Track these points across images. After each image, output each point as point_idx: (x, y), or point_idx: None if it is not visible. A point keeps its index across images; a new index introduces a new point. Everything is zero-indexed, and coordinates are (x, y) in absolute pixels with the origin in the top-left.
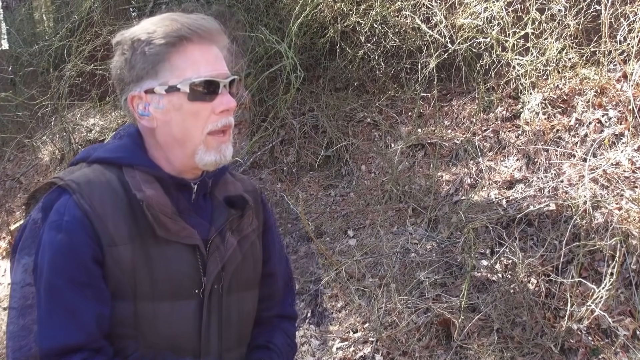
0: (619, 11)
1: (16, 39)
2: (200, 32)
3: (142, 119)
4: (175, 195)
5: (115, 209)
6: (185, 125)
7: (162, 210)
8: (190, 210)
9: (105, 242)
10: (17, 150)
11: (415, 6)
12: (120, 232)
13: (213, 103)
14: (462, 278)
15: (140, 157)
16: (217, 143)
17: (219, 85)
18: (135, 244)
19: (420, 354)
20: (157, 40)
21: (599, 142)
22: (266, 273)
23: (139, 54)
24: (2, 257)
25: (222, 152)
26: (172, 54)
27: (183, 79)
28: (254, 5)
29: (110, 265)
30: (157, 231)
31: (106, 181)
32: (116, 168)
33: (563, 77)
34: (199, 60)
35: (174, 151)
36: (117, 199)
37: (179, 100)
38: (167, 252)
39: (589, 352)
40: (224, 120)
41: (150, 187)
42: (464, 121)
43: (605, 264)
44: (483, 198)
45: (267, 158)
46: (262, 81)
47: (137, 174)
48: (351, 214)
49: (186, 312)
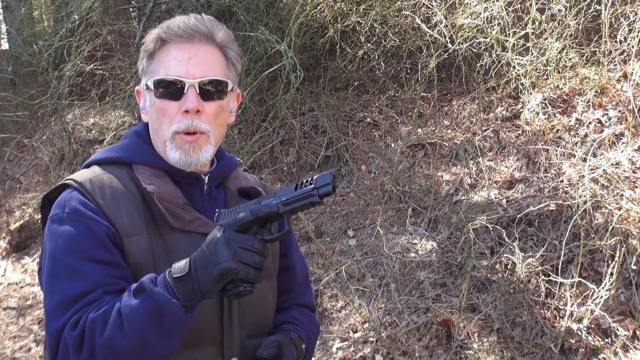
0: (619, 11)
1: (16, 39)
2: (177, 31)
3: (142, 112)
4: (186, 187)
5: (128, 203)
6: (157, 121)
7: (173, 202)
8: (203, 201)
9: (122, 232)
10: (17, 150)
11: (415, 6)
12: (135, 223)
13: (179, 102)
14: (462, 278)
15: (145, 153)
16: (182, 142)
17: (185, 84)
18: (151, 234)
19: (420, 354)
20: (149, 40)
21: (599, 142)
22: (285, 266)
23: (142, 52)
24: (2, 257)
25: (188, 152)
26: (158, 53)
27: (155, 76)
28: (254, 5)
29: (130, 254)
30: (170, 222)
31: (117, 179)
32: (126, 166)
33: (563, 77)
34: (171, 59)
35: (157, 145)
36: (129, 194)
37: (152, 97)
38: (184, 242)
39: (589, 352)
40: (187, 121)
41: (160, 181)
42: (464, 121)
43: (605, 264)
44: (483, 198)
45: (267, 158)
46: (262, 81)
47: (147, 169)
48: (351, 214)
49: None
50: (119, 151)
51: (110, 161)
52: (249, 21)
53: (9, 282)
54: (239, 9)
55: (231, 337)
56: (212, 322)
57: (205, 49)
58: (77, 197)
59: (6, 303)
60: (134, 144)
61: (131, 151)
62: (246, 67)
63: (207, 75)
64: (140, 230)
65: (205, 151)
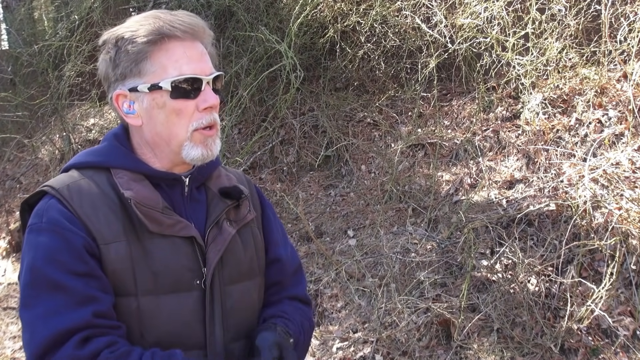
0: (619, 11)
1: (16, 39)
2: (182, 28)
3: (127, 117)
4: (166, 190)
5: (106, 209)
6: (169, 122)
7: (152, 206)
8: (184, 204)
9: (100, 240)
10: (17, 150)
11: (415, 6)
12: (113, 230)
13: (196, 100)
14: (462, 278)
15: (124, 157)
16: (204, 137)
17: (202, 82)
18: (130, 240)
19: (420, 354)
20: (139, 38)
21: (599, 142)
22: (271, 259)
23: (123, 53)
24: (2, 257)
25: (208, 147)
26: (155, 52)
27: (165, 76)
28: (254, 5)
29: (108, 262)
30: (149, 227)
31: (95, 184)
32: (104, 170)
33: (563, 77)
34: (181, 57)
35: (161, 148)
36: (107, 199)
37: (162, 98)
38: (164, 246)
39: (589, 352)
40: (209, 117)
41: (138, 185)
42: (464, 121)
43: (605, 264)
44: (483, 198)
45: (267, 158)
46: (262, 81)
47: (126, 173)
48: (351, 214)
49: (189, 304)
50: (97, 155)
51: (88, 165)
52: (249, 21)
53: (9, 282)
54: (239, 9)
55: (214, 341)
56: (194, 326)
57: (202, 44)
58: (54, 205)
59: (6, 303)
60: (113, 148)
61: (109, 155)
62: (246, 67)
63: (213, 71)
64: (118, 237)
65: (218, 144)
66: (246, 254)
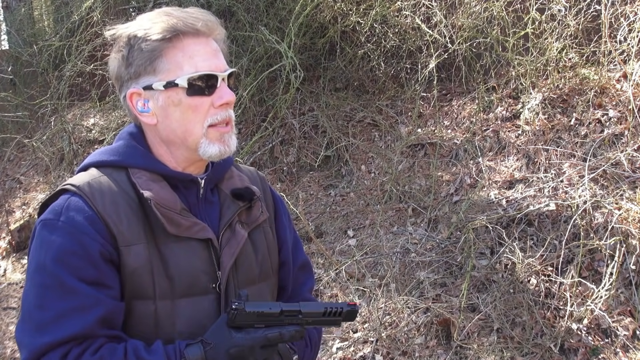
0: (619, 11)
1: (16, 39)
2: (196, 25)
3: (142, 115)
4: (183, 191)
5: (127, 208)
6: (185, 120)
7: (170, 207)
8: (200, 206)
9: (121, 242)
10: (17, 150)
11: (415, 6)
12: (134, 231)
13: (212, 97)
14: (462, 278)
15: (142, 157)
16: (220, 134)
17: (218, 78)
18: (149, 243)
19: (420, 354)
20: (153, 36)
21: (599, 142)
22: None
23: (136, 51)
24: (2, 257)
25: (225, 143)
26: (169, 49)
27: (181, 74)
28: (254, 5)
29: (127, 264)
30: (167, 228)
31: (115, 183)
32: (123, 169)
33: (563, 77)
34: (196, 54)
35: (177, 146)
36: (128, 199)
37: (178, 95)
38: (180, 249)
39: (589, 352)
40: (224, 113)
41: (157, 186)
42: (464, 121)
43: (605, 264)
44: (483, 198)
45: (267, 158)
46: (262, 81)
47: (144, 173)
48: (351, 214)
49: (205, 307)
50: (115, 154)
51: (107, 164)
52: (249, 21)
53: (9, 282)
54: (239, 9)
55: None
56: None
57: (215, 41)
58: (75, 204)
59: (6, 303)
60: (130, 147)
61: (127, 154)
62: (246, 67)
63: (227, 68)
64: (139, 239)
65: (234, 139)
66: (260, 255)
